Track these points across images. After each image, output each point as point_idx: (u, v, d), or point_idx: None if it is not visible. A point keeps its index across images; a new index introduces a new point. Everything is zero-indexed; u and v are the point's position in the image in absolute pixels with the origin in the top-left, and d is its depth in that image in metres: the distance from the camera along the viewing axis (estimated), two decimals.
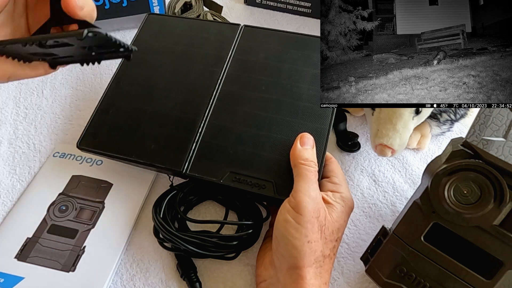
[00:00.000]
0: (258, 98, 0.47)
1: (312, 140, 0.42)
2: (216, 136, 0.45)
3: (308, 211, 0.35)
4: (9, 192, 0.48)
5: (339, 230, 0.38)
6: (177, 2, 0.77)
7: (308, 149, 0.40)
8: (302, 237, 0.35)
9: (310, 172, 0.38)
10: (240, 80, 0.49)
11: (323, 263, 0.36)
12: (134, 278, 0.42)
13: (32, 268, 0.41)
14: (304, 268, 0.34)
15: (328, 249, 0.36)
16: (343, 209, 0.39)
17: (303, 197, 0.36)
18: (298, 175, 0.38)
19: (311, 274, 0.35)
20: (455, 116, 0.53)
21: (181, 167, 0.43)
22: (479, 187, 0.35)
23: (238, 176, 0.42)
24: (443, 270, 0.37)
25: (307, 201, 0.36)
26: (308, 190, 0.37)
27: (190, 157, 0.44)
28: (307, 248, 0.35)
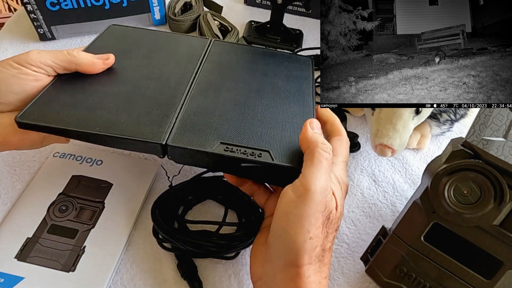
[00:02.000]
0: (237, 87, 0.45)
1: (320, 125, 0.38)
2: (198, 114, 0.40)
3: (315, 203, 0.32)
4: (9, 192, 0.48)
5: (338, 220, 0.35)
6: (177, 2, 0.77)
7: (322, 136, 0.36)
8: (304, 233, 0.31)
9: (326, 160, 0.34)
10: (217, 72, 0.47)
11: (322, 257, 0.33)
12: (134, 278, 0.42)
13: (32, 268, 0.41)
14: (303, 266, 0.32)
15: (328, 242, 0.34)
16: (340, 194, 0.35)
17: (312, 185, 0.32)
18: (311, 159, 0.34)
19: (311, 271, 0.32)
20: (455, 116, 0.54)
21: (160, 138, 0.37)
22: (479, 187, 0.35)
23: (229, 147, 0.37)
24: (443, 270, 0.37)
25: (315, 191, 0.32)
26: (320, 179, 0.32)
27: (171, 129, 0.38)
28: (309, 245, 0.32)
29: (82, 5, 0.68)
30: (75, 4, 0.67)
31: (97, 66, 0.43)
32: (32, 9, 0.65)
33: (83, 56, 0.42)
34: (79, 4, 0.67)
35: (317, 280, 0.33)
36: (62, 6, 0.66)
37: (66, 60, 0.41)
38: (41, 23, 0.68)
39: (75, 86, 0.42)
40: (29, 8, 0.65)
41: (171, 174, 0.51)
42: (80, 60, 0.42)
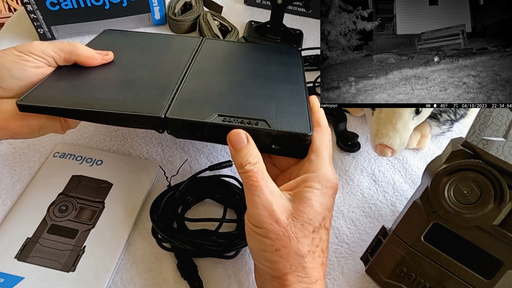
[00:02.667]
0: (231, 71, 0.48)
1: (242, 134, 0.36)
2: (195, 91, 0.43)
3: (263, 222, 0.32)
4: (9, 192, 0.48)
5: (315, 219, 0.33)
6: (177, 3, 0.77)
7: (240, 149, 0.35)
8: (269, 248, 0.32)
9: (248, 178, 0.34)
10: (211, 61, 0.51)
11: (304, 263, 0.33)
12: (134, 278, 0.42)
13: (32, 268, 0.41)
14: (282, 276, 0.32)
15: (305, 246, 0.33)
16: (318, 192, 0.34)
17: (251, 210, 0.33)
18: (244, 185, 0.35)
19: (292, 280, 0.32)
20: (455, 116, 0.54)
21: (159, 112, 0.38)
22: (479, 187, 0.35)
23: (227, 117, 0.38)
24: (443, 270, 0.37)
25: (256, 213, 0.33)
26: (253, 200, 0.33)
27: (170, 104, 0.40)
28: (278, 256, 0.32)
29: (82, 5, 0.68)
30: (75, 4, 0.67)
31: (96, 60, 0.45)
32: (32, 9, 0.65)
33: (84, 48, 0.44)
34: (79, 4, 0.67)
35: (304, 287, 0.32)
36: (62, 6, 0.66)
37: (67, 50, 0.43)
38: (41, 23, 0.68)
39: (75, 75, 0.44)
40: (29, 8, 0.65)
41: (169, 174, 0.51)
42: (81, 51, 0.43)
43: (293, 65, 0.53)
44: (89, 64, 0.45)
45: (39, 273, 0.41)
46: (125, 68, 0.47)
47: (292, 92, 0.45)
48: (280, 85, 0.47)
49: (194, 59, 0.50)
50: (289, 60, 0.54)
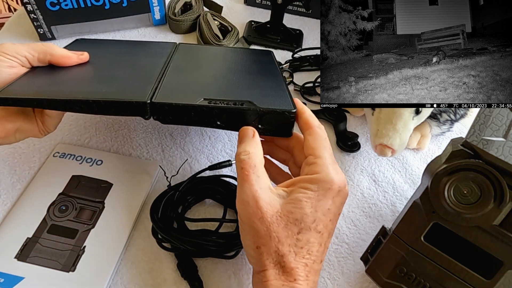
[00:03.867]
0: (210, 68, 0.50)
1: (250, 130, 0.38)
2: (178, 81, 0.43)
3: (247, 218, 0.33)
4: (9, 192, 0.48)
5: (301, 220, 0.33)
6: (177, 3, 0.77)
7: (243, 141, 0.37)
8: (252, 244, 0.33)
9: (240, 170, 0.34)
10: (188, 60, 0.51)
11: (283, 262, 0.32)
12: (134, 278, 0.42)
13: (32, 268, 0.41)
14: (262, 272, 0.33)
15: (286, 246, 0.32)
16: (312, 193, 0.33)
17: (238, 205, 0.34)
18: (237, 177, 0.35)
19: (270, 276, 0.33)
20: (455, 116, 0.54)
21: (145, 97, 0.38)
22: (479, 187, 0.35)
23: (213, 101, 0.38)
24: (443, 270, 0.37)
25: (242, 208, 0.34)
26: (241, 195, 0.34)
27: (154, 90, 0.40)
28: (258, 254, 0.33)
29: (82, 5, 0.68)
30: (75, 4, 0.67)
31: (72, 59, 0.44)
32: (32, 9, 0.65)
33: (58, 48, 0.43)
34: (79, 4, 0.67)
35: (279, 284, 0.32)
36: (62, 6, 0.66)
37: (41, 50, 0.42)
38: (41, 23, 0.68)
39: (51, 73, 0.42)
40: (29, 8, 0.65)
41: (169, 174, 0.51)
42: (55, 50, 0.42)
43: (269, 62, 0.55)
44: (65, 64, 0.43)
45: (39, 273, 0.41)
46: (104, 67, 0.46)
47: (272, 81, 0.47)
48: (259, 77, 0.49)
49: (172, 59, 0.50)
50: (265, 59, 0.56)
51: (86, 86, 0.41)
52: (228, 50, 0.60)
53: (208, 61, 0.54)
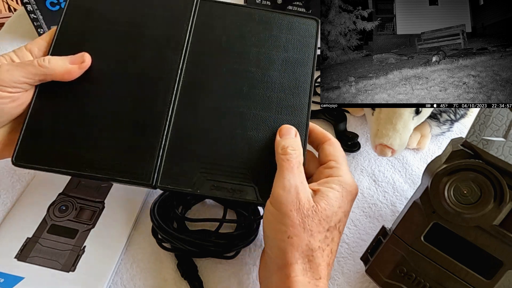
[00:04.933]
0: (226, 89, 0.40)
1: (293, 129, 0.38)
2: (184, 138, 0.39)
3: (285, 205, 0.33)
4: (9, 192, 0.48)
5: (331, 218, 0.34)
6: None
7: (288, 138, 0.38)
8: (282, 235, 0.33)
9: (286, 161, 0.35)
10: (203, 68, 0.41)
11: (312, 257, 0.33)
12: (134, 278, 0.42)
13: (32, 268, 0.41)
14: (288, 267, 0.33)
15: (317, 241, 0.33)
16: (338, 194, 0.35)
17: (277, 190, 0.34)
18: (277, 167, 0.36)
19: (297, 271, 0.33)
20: (455, 116, 0.54)
21: (150, 179, 0.37)
22: (479, 187, 0.35)
23: (216, 184, 0.38)
24: (443, 270, 0.37)
25: (281, 195, 0.34)
26: (283, 182, 0.34)
27: (159, 166, 0.38)
28: (288, 244, 0.33)
29: None
30: None
31: (73, 74, 0.40)
32: (32, 9, 0.65)
33: (56, 65, 0.39)
34: None
35: (305, 281, 0.33)
36: (62, 6, 0.66)
37: (38, 73, 0.39)
38: (41, 23, 0.68)
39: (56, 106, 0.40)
40: (29, 8, 0.65)
41: None
42: (53, 70, 0.39)
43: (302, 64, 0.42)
44: (67, 80, 0.40)
45: (39, 273, 0.41)
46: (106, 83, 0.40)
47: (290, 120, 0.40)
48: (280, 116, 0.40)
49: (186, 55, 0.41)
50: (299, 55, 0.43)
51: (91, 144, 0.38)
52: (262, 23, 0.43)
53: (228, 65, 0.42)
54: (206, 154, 0.39)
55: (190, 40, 0.42)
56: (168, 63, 0.41)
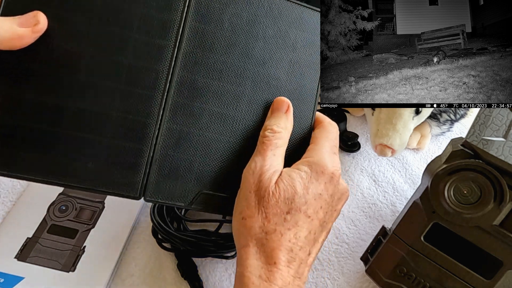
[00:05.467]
0: (227, 91, 0.36)
1: (286, 103, 0.36)
2: (177, 146, 0.34)
3: (245, 187, 0.32)
4: (9, 192, 0.48)
5: (292, 200, 0.32)
6: None
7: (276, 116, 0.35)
8: (238, 216, 0.32)
9: (261, 143, 0.34)
10: (202, 63, 0.35)
11: (265, 240, 0.31)
12: (134, 278, 0.42)
13: (32, 268, 0.41)
14: (242, 248, 0.32)
15: (272, 223, 0.31)
16: (304, 174, 0.33)
17: (244, 170, 0.33)
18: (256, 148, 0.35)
19: (249, 254, 0.31)
20: (455, 116, 0.54)
21: (136, 191, 0.33)
22: (479, 187, 0.35)
23: (211, 198, 0.34)
24: (443, 270, 0.37)
25: (246, 176, 0.33)
26: (250, 163, 0.33)
27: (147, 176, 0.33)
28: (241, 226, 0.32)
29: None
30: None
31: (25, 40, 0.31)
32: None
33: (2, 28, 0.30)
34: None
35: (257, 264, 0.31)
36: None
37: None
38: None
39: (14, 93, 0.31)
40: None
41: None
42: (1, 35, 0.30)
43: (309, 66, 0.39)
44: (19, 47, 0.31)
45: (39, 273, 0.41)
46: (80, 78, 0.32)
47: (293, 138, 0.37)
48: None
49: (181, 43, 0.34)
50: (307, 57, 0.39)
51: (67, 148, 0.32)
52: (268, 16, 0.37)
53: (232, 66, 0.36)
54: (201, 163, 0.35)
55: (187, 27, 0.35)
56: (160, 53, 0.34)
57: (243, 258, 0.31)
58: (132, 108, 0.33)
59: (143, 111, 0.33)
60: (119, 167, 0.33)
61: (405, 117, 0.47)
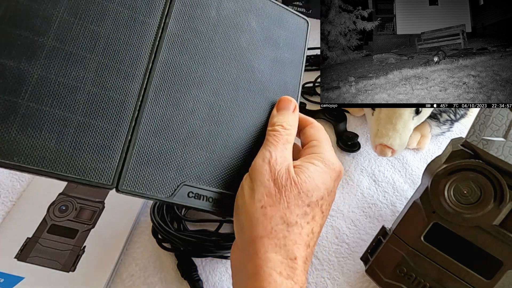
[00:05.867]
0: (211, 78, 0.34)
1: (293, 103, 0.36)
2: (158, 131, 0.31)
3: (262, 174, 0.31)
4: (9, 192, 0.48)
5: (312, 193, 0.31)
6: None
7: (284, 113, 0.35)
8: (255, 203, 0.30)
9: (272, 136, 0.33)
10: (187, 47, 0.33)
11: (287, 232, 0.29)
12: (134, 278, 0.42)
13: (32, 268, 0.41)
14: (259, 239, 0.29)
15: (294, 215, 0.30)
16: (320, 169, 0.32)
17: (257, 160, 0.32)
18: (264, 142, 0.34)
19: (268, 246, 0.29)
20: (455, 116, 0.54)
21: (108, 178, 0.28)
22: (479, 187, 0.35)
23: (195, 190, 0.31)
24: (443, 270, 0.37)
25: (259, 164, 0.31)
26: (263, 153, 0.32)
27: (122, 163, 0.29)
28: (260, 214, 0.29)
29: None
30: None
31: None
32: None
33: None
34: None
35: (277, 259, 0.29)
36: None
37: None
38: None
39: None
40: None
41: None
42: None
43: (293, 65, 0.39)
44: None
45: (39, 273, 0.41)
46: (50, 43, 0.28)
47: None
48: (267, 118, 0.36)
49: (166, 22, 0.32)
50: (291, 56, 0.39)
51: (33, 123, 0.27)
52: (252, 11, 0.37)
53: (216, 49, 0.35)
54: (184, 152, 0.32)
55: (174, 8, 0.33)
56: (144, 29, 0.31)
57: (260, 251, 0.29)
58: (109, 83, 0.29)
59: (122, 89, 0.29)
60: (90, 150, 0.27)
61: (405, 117, 0.47)
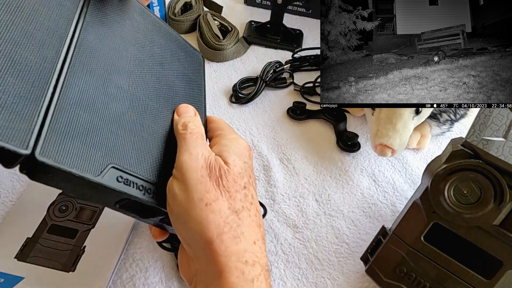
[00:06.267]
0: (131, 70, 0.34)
1: (191, 108, 0.36)
2: (80, 105, 0.28)
3: (194, 172, 0.29)
4: (9, 192, 0.48)
5: (243, 174, 0.31)
6: (177, 3, 0.77)
7: (187, 116, 0.35)
8: (196, 204, 0.28)
9: (189, 134, 0.32)
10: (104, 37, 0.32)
11: (238, 220, 0.29)
12: (134, 278, 0.42)
13: (32, 268, 0.41)
14: (216, 238, 0.28)
15: (237, 201, 0.30)
16: (236, 149, 0.33)
17: (182, 159, 0.30)
18: (178, 144, 0.32)
19: (227, 241, 0.28)
20: (455, 116, 0.54)
21: (23, 142, 0.23)
22: (479, 187, 0.35)
23: (124, 175, 0.29)
24: (443, 270, 0.37)
25: (187, 162, 0.30)
26: (188, 151, 0.30)
27: (39, 128, 0.24)
28: (208, 212, 0.28)
29: None
30: None
31: None
32: None
33: None
34: None
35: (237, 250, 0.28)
36: None
37: None
38: None
39: None
40: None
41: None
42: None
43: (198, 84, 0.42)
44: None
45: (39, 273, 0.41)
46: None
47: None
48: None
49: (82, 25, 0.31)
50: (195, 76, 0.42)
51: None
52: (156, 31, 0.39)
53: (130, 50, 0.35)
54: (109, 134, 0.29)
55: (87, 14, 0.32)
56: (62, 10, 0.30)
57: (220, 249, 0.28)
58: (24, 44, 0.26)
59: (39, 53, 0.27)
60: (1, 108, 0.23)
61: (405, 117, 0.47)
